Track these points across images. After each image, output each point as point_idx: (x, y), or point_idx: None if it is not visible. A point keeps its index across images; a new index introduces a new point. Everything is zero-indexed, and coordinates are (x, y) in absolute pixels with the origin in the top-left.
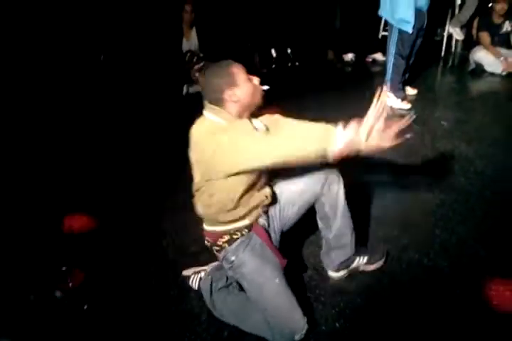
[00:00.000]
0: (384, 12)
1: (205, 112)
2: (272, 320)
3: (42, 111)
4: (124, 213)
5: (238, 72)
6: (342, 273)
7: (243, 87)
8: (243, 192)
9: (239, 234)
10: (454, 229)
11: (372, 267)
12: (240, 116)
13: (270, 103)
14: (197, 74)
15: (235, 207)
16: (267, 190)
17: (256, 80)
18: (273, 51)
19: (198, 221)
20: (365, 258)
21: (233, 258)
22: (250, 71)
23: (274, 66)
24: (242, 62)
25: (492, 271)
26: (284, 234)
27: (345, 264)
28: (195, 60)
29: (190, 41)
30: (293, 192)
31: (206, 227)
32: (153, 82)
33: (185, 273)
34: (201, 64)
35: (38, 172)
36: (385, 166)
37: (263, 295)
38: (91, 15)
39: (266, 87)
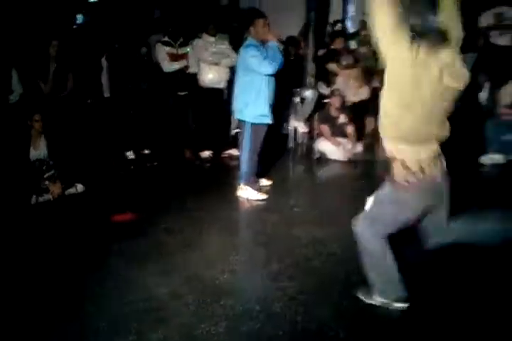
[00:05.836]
0: (239, 115)
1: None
2: None
3: None
4: None
5: None
6: None
7: None
8: None
9: None
10: (314, 314)
11: None
12: None
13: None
14: (47, 183)
15: None
16: None
17: None
18: (131, 153)
19: None
20: None
21: None
22: (108, 173)
23: (132, 167)
24: (97, 166)
25: None
26: None
27: None
28: (44, 168)
29: (39, 150)
30: None
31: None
32: None
33: None
34: (51, 172)
35: None
36: (243, 256)
37: None
38: None
39: None
